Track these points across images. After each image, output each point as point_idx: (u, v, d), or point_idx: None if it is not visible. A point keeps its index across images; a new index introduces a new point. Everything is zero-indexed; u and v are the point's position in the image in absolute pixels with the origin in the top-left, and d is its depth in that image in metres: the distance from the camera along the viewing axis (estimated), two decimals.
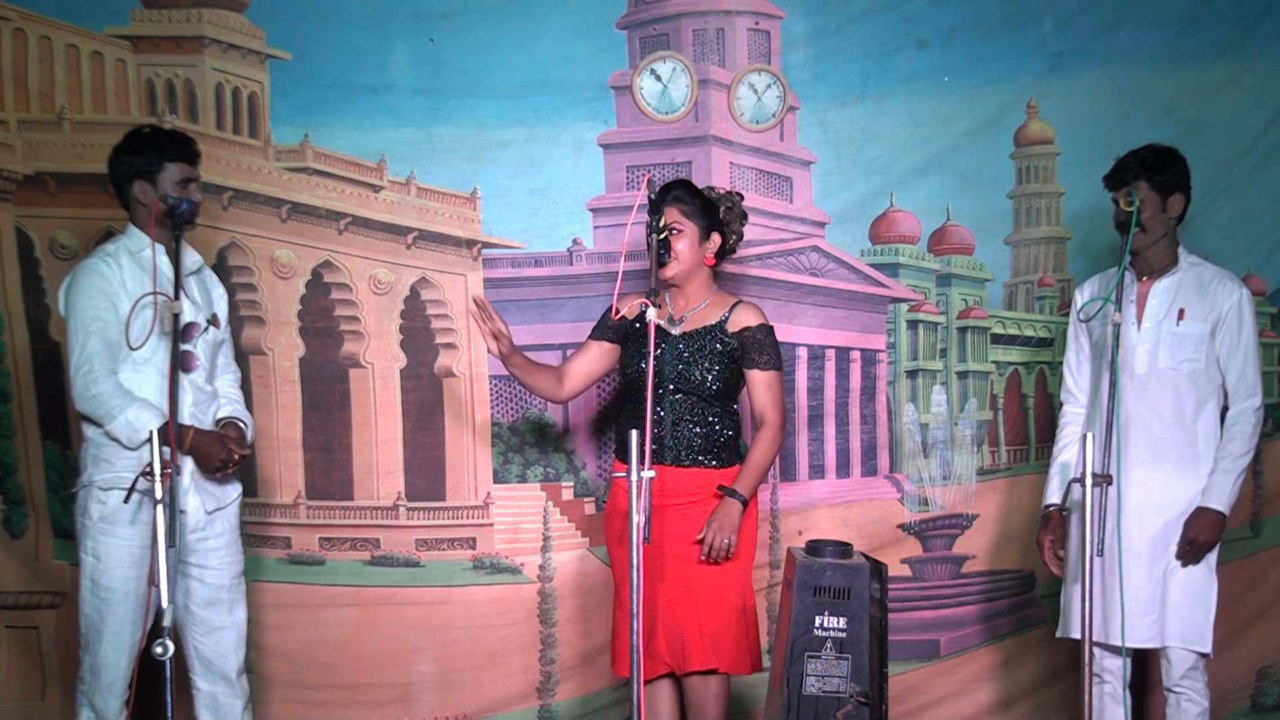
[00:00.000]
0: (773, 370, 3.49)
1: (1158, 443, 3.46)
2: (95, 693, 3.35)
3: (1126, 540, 3.35)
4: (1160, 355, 3.47)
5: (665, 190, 3.48)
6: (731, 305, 3.52)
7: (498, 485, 4.40)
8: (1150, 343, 3.48)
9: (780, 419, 3.49)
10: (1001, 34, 4.33)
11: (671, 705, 3.58)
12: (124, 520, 3.28)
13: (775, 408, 3.48)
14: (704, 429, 3.47)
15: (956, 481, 4.51)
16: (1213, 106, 4.31)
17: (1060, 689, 4.37)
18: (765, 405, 3.48)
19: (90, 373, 3.26)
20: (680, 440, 3.46)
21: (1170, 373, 3.47)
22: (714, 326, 3.49)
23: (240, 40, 4.24)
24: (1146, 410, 3.47)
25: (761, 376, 3.48)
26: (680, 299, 3.55)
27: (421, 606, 4.36)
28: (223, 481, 3.45)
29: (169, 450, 2.97)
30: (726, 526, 3.38)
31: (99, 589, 3.31)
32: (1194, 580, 3.44)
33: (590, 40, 4.32)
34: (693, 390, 3.45)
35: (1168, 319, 3.47)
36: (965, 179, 4.44)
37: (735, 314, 3.50)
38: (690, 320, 3.52)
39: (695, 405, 3.46)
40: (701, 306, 3.53)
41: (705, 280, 3.56)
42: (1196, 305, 3.47)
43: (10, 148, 4.16)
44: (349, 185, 4.31)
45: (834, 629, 3.05)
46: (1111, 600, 3.39)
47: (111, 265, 3.33)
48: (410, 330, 4.38)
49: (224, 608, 3.46)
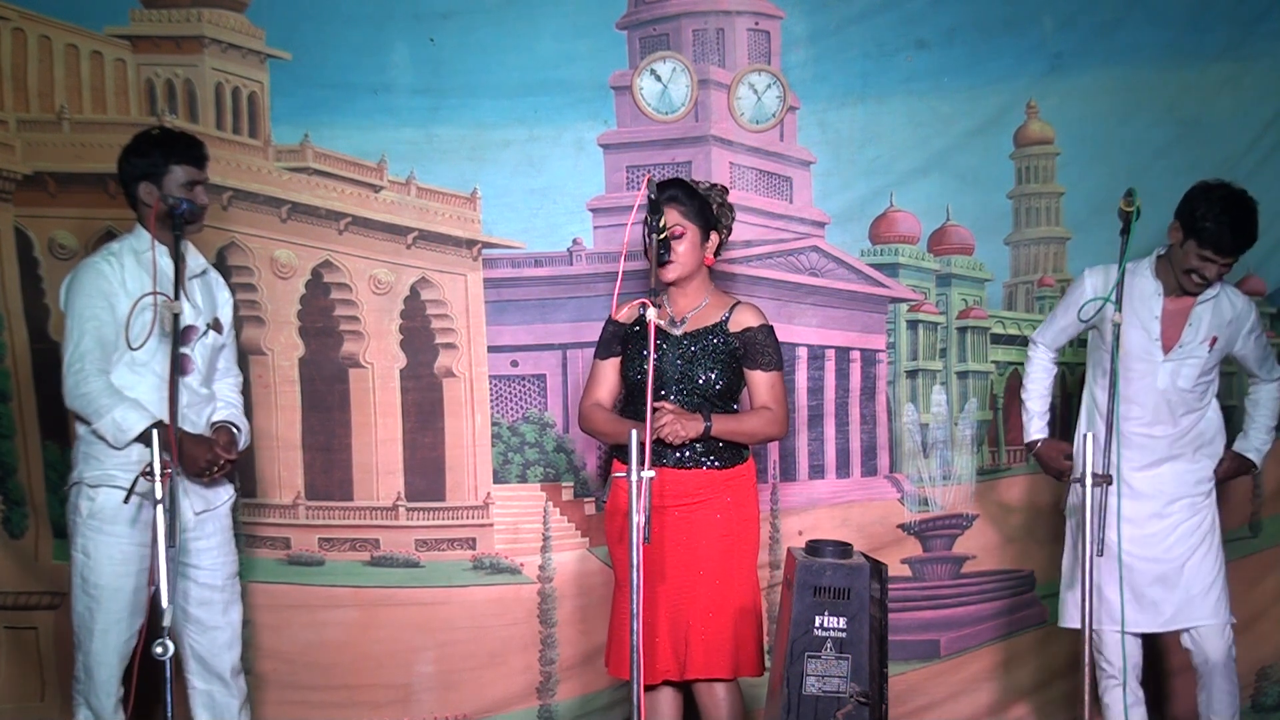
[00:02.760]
0: (774, 370, 3.48)
1: (1168, 446, 3.63)
2: (90, 692, 3.35)
3: (1139, 533, 3.54)
4: (1182, 375, 3.61)
5: (661, 189, 3.45)
6: (731, 306, 3.51)
7: (498, 485, 4.40)
8: (1175, 362, 3.60)
9: (783, 413, 3.48)
10: (1001, 34, 4.33)
11: (674, 712, 3.55)
12: (111, 518, 3.28)
13: (778, 404, 3.47)
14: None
15: (956, 481, 4.51)
16: (1213, 106, 4.31)
17: (1060, 689, 4.37)
18: (767, 403, 3.47)
19: (81, 371, 3.26)
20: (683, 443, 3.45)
21: (1186, 393, 3.63)
22: (715, 326, 3.48)
23: (240, 40, 4.24)
24: (1161, 424, 3.63)
25: (763, 377, 3.47)
26: (681, 299, 3.54)
27: (421, 607, 4.36)
28: (211, 484, 3.44)
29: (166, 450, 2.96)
30: (681, 422, 3.31)
31: (88, 586, 3.31)
32: (1206, 561, 3.61)
33: (590, 40, 4.32)
34: (695, 390, 3.44)
35: (1201, 345, 3.60)
36: (965, 179, 4.44)
37: (735, 314, 3.49)
38: (691, 321, 3.51)
39: (698, 406, 3.45)
40: (701, 306, 3.52)
41: (704, 280, 3.56)
42: (1224, 331, 3.63)
43: (10, 147, 4.15)
44: (349, 185, 4.31)
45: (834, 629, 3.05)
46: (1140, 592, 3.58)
47: (113, 265, 3.33)
48: (410, 330, 4.38)
49: (217, 608, 3.46)
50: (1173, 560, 3.60)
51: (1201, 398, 3.67)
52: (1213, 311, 3.61)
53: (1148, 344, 3.60)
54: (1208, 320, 3.60)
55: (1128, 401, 3.59)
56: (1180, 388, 3.61)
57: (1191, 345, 3.59)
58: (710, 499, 3.43)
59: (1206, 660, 3.60)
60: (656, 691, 3.50)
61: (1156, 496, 3.62)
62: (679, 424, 3.33)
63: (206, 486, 3.42)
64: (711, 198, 3.55)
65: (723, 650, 3.40)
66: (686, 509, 3.43)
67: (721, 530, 3.42)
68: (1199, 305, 3.60)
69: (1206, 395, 3.69)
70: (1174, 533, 3.62)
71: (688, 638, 3.40)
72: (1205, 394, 3.68)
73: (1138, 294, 3.63)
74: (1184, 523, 3.62)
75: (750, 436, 3.48)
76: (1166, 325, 3.60)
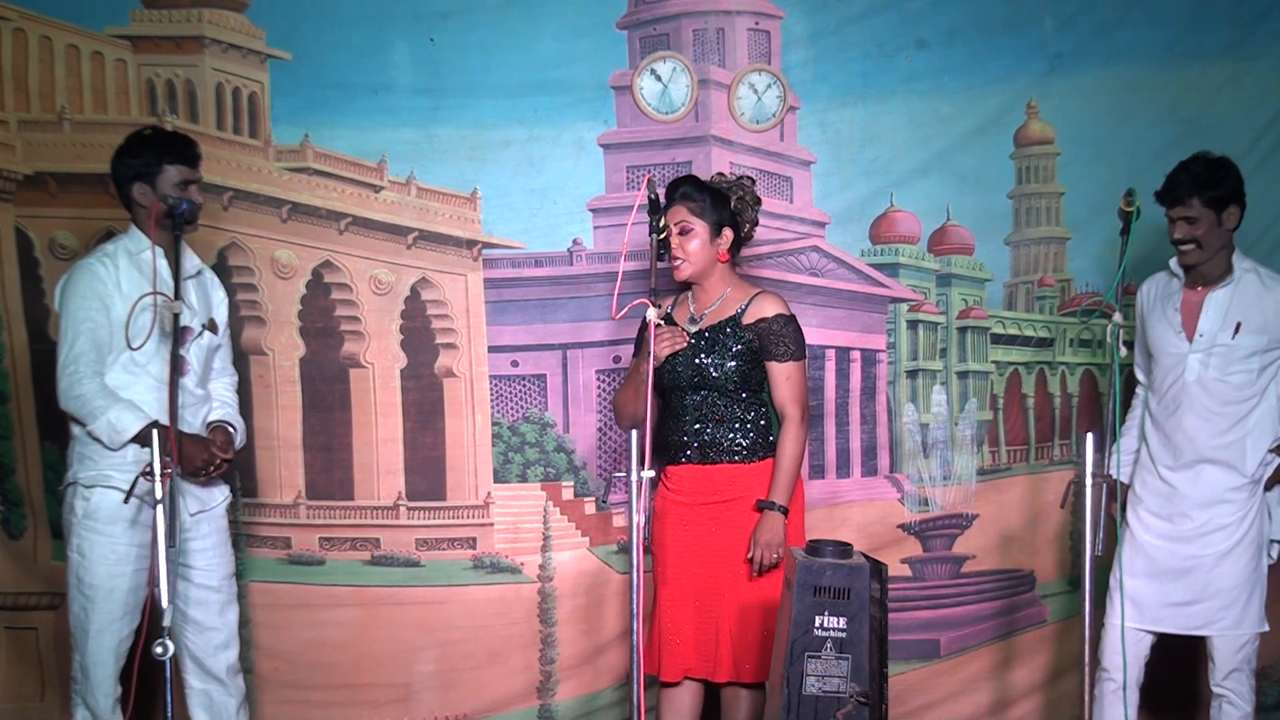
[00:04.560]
0: (792, 361, 3.42)
1: (1203, 447, 3.48)
2: (87, 691, 3.35)
3: (1169, 533, 3.48)
4: (1211, 366, 3.47)
5: (673, 187, 3.43)
6: (751, 296, 3.47)
7: (498, 485, 4.40)
8: (1202, 353, 3.47)
9: (800, 413, 3.42)
10: (1001, 34, 4.33)
11: (694, 709, 3.51)
12: (108, 518, 3.28)
13: (795, 401, 3.41)
14: (727, 424, 3.43)
15: (956, 481, 4.51)
16: (1213, 106, 4.31)
17: (1060, 689, 4.37)
18: (785, 399, 3.42)
19: (75, 373, 3.26)
20: (703, 437, 3.43)
21: (1218, 383, 3.47)
22: (728, 321, 3.45)
23: (240, 40, 4.24)
24: (1193, 418, 3.48)
25: (780, 368, 3.42)
26: (701, 296, 3.51)
27: (421, 606, 4.36)
28: (206, 484, 3.44)
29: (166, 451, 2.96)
30: (773, 543, 3.34)
31: (84, 586, 3.31)
32: (1237, 569, 3.47)
33: (590, 40, 4.32)
34: (712, 386, 3.42)
35: (1223, 331, 3.46)
36: (965, 179, 4.44)
37: (753, 305, 3.45)
38: (709, 316, 3.48)
39: (718, 401, 3.42)
40: (721, 300, 3.49)
41: (724, 274, 3.50)
42: (1254, 316, 3.45)
43: (10, 148, 4.16)
44: (349, 185, 4.31)
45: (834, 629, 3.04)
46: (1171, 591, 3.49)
47: (107, 266, 3.32)
48: (410, 330, 4.38)
49: (214, 608, 3.46)
50: (1201, 563, 3.48)
51: (1241, 391, 3.46)
52: (1232, 296, 3.46)
53: (1172, 336, 3.51)
54: (1225, 306, 3.46)
55: (1158, 396, 3.56)
56: (1213, 379, 3.45)
57: (1213, 333, 3.46)
58: (737, 496, 3.41)
59: (1218, 668, 3.50)
60: (678, 687, 3.47)
61: (1189, 497, 3.48)
62: (770, 552, 3.33)
63: (202, 487, 3.42)
64: (733, 192, 3.48)
65: (752, 654, 3.38)
66: (713, 507, 3.42)
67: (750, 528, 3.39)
68: (1215, 291, 3.47)
69: (1251, 389, 3.46)
70: (1205, 535, 3.48)
71: (718, 638, 3.38)
72: (1247, 387, 3.46)
73: (1160, 289, 3.59)
74: (1219, 527, 3.47)
75: (797, 463, 3.42)
76: (1187, 315, 3.50)
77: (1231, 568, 3.47)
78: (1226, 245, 3.48)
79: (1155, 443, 3.57)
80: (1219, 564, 3.47)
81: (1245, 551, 3.47)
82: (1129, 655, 3.49)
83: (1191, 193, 3.41)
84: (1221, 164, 3.45)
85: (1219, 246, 3.46)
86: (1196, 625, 3.50)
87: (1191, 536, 3.49)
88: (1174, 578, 3.50)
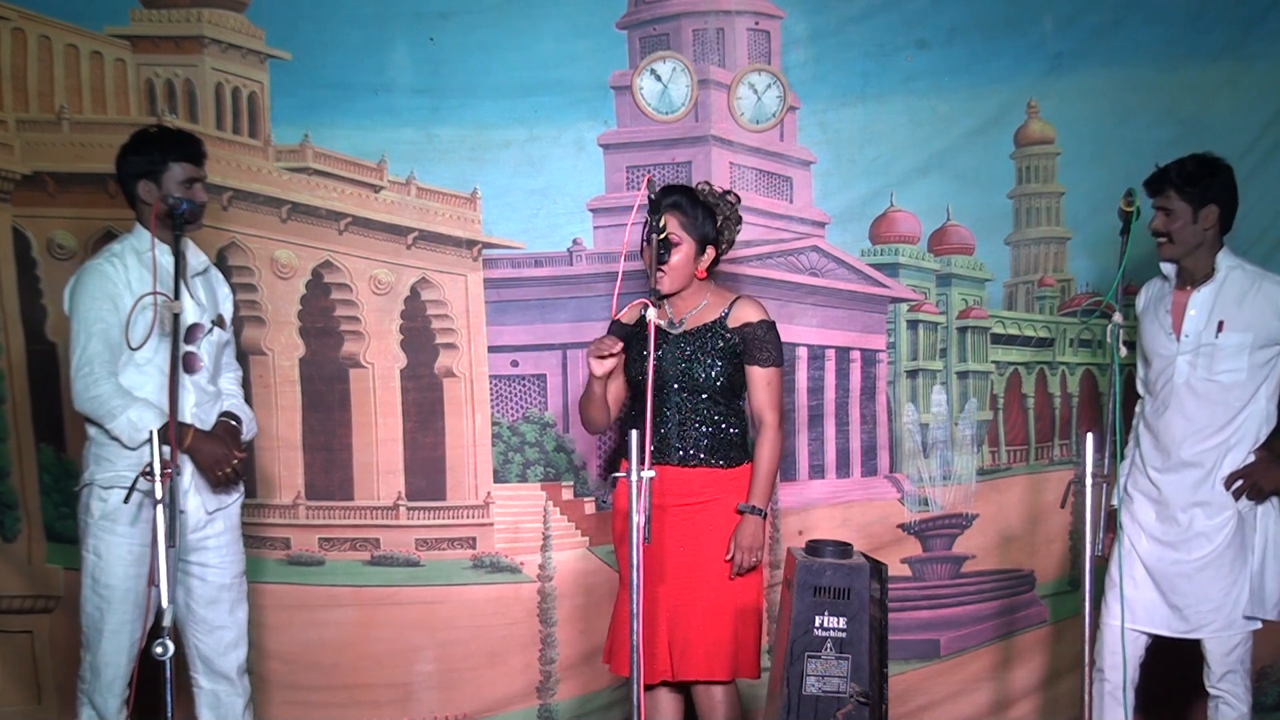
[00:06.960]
0: (773, 367, 3.46)
1: (1185, 450, 3.47)
2: (95, 691, 3.35)
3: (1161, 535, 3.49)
4: (1198, 366, 3.46)
5: (665, 193, 3.42)
6: (731, 301, 3.50)
7: (498, 485, 4.40)
8: (1190, 353, 3.47)
9: (777, 419, 3.46)
10: (1001, 34, 4.33)
11: (674, 712, 3.55)
12: (124, 519, 3.28)
13: (772, 407, 3.45)
14: (710, 428, 3.45)
15: (956, 481, 4.51)
16: (1213, 106, 4.31)
17: (1060, 689, 4.37)
18: (763, 404, 3.45)
19: (90, 374, 3.26)
20: (686, 440, 3.44)
21: (1206, 383, 3.45)
22: (714, 323, 3.46)
23: (240, 40, 4.24)
24: (1181, 419, 3.48)
25: (761, 373, 3.45)
26: (679, 302, 3.51)
27: (421, 606, 4.36)
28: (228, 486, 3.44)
29: (169, 450, 2.96)
30: (754, 547, 3.39)
31: (100, 586, 3.31)
32: (1222, 572, 3.45)
33: (590, 40, 4.32)
34: (697, 388, 3.44)
35: (1207, 330, 3.45)
36: (965, 179, 4.44)
37: (735, 310, 3.47)
38: (691, 320, 3.50)
39: (700, 404, 3.44)
40: (701, 306, 3.51)
41: (700, 284, 3.53)
42: (1236, 315, 3.44)
43: (9, 147, 4.15)
44: (349, 185, 4.31)
45: (834, 629, 3.05)
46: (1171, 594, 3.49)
47: (116, 266, 3.32)
48: (410, 330, 4.38)
49: (225, 607, 3.46)
50: (1187, 566, 3.47)
51: (1230, 392, 3.43)
52: (1215, 295, 3.45)
53: (1163, 338, 3.51)
54: (1209, 305, 3.45)
55: (1153, 398, 3.56)
56: (1201, 379, 3.44)
57: (1197, 333, 3.45)
58: (713, 498, 3.44)
59: (1213, 670, 3.50)
60: (656, 691, 3.50)
61: (1175, 500, 3.49)
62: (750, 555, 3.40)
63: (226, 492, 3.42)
64: (720, 209, 3.50)
65: (723, 652, 3.39)
66: (689, 509, 3.43)
67: (726, 530, 3.42)
68: (1199, 290, 3.47)
69: (1242, 390, 3.44)
70: (1190, 539, 3.47)
71: (688, 638, 3.40)
72: (1238, 388, 3.43)
73: (1154, 293, 3.61)
74: (1202, 531, 3.46)
75: (775, 469, 3.49)
76: (1175, 316, 3.51)
77: (1216, 571, 3.46)
78: (1207, 244, 3.47)
79: (1147, 444, 3.57)
80: (1204, 568, 3.46)
81: (1228, 554, 3.46)
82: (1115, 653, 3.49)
83: (1170, 185, 3.42)
84: (1211, 164, 3.46)
85: (1193, 244, 3.46)
86: (1187, 629, 3.50)
87: (1177, 540, 3.49)
88: (1164, 580, 3.51)
